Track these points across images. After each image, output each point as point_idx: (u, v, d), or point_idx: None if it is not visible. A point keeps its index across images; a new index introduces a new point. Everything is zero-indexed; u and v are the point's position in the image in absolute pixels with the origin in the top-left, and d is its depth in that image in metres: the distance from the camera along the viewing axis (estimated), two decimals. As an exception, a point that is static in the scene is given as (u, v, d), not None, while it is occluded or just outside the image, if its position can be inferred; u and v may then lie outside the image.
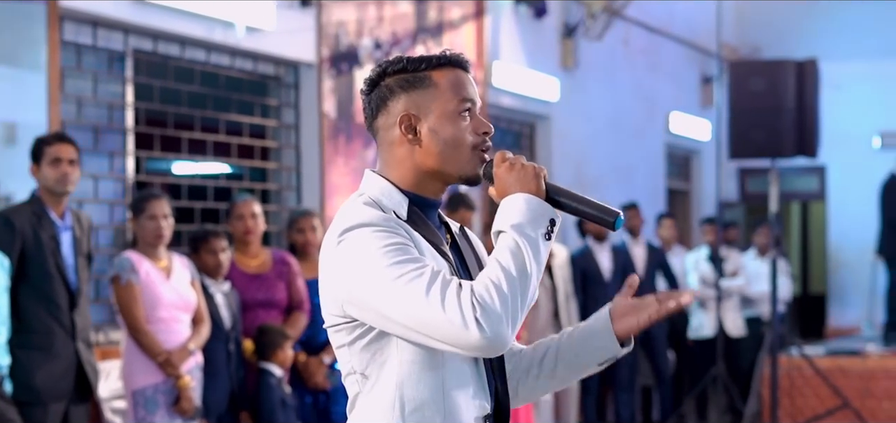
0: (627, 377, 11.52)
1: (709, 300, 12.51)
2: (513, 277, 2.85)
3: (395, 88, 3.08)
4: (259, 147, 9.78)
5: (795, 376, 11.48)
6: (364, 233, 2.92)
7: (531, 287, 2.89)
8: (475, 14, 11.89)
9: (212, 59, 9.20)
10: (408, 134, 3.06)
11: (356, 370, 3.02)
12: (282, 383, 7.55)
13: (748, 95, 10.63)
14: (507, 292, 2.83)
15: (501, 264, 2.87)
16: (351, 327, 2.99)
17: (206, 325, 7.24)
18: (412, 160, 3.08)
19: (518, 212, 2.94)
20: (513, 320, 2.84)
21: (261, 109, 9.77)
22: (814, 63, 10.75)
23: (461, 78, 3.10)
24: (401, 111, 3.07)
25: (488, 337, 2.81)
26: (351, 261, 2.92)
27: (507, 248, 2.89)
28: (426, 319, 2.83)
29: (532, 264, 2.89)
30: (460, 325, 2.80)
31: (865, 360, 11.69)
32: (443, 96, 3.06)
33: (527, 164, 3.03)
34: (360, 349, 3.00)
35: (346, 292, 2.94)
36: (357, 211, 3.00)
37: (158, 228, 7.13)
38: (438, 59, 3.09)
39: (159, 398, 7.00)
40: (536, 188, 2.99)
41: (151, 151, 8.87)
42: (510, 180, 3.01)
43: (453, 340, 2.83)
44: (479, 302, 2.81)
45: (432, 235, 3.07)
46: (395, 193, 3.07)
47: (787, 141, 10.54)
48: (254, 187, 9.69)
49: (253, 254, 7.87)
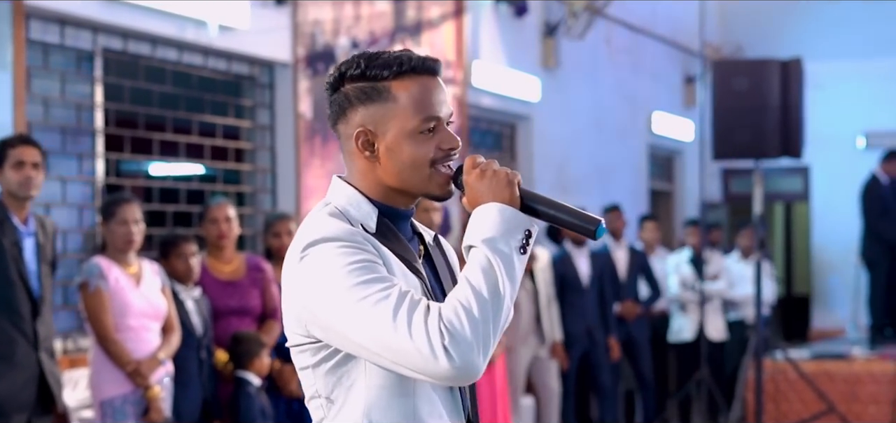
0: (610, 381, 11.35)
1: (690, 304, 12.34)
2: (484, 298, 2.63)
3: (353, 98, 2.83)
4: (233, 149, 9.58)
5: (780, 380, 11.32)
6: (328, 249, 2.70)
7: (505, 308, 2.67)
8: (454, 13, 11.71)
9: (184, 58, 9.00)
10: (364, 150, 2.83)
11: (321, 393, 2.80)
12: (260, 392, 7.37)
13: (732, 94, 10.49)
14: (478, 315, 2.61)
15: (472, 284, 2.64)
16: (315, 348, 2.78)
17: (176, 334, 7.04)
18: (373, 175, 2.85)
19: (490, 224, 2.72)
20: (484, 346, 2.62)
21: (235, 109, 9.58)
22: (798, 62, 10.62)
23: (427, 88, 2.83)
24: (358, 125, 2.82)
25: (457, 366, 2.58)
26: (314, 279, 2.70)
27: (479, 265, 2.67)
28: (392, 345, 2.61)
29: (505, 283, 2.66)
30: (428, 354, 2.58)
31: (851, 363, 11.53)
32: (403, 113, 2.80)
33: (499, 170, 2.80)
34: (325, 372, 2.78)
35: (309, 313, 2.73)
36: (322, 223, 2.77)
37: (129, 233, 6.92)
38: (401, 66, 2.81)
39: (128, 408, 6.79)
40: (510, 197, 2.77)
41: (122, 152, 8.67)
42: (481, 189, 2.78)
43: (421, 368, 2.61)
44: (447, 328, 2.59)
45: (403, 249, 2.84)
46: (364, 204, 2.84)
47: (772, 141, 10.41)
48: (228, 190, 9.49)
49: (226, 259, 7.68)
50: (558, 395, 10.72)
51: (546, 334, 10.49)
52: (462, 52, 11.74)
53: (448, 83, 11.44)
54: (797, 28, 17.49)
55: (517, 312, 10.12)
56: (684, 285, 12.35)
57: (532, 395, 10.74)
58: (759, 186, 10.75)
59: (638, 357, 11.97)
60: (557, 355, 10.61)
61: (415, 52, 2.85)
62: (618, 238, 12.03)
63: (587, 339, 10.97)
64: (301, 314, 2.76)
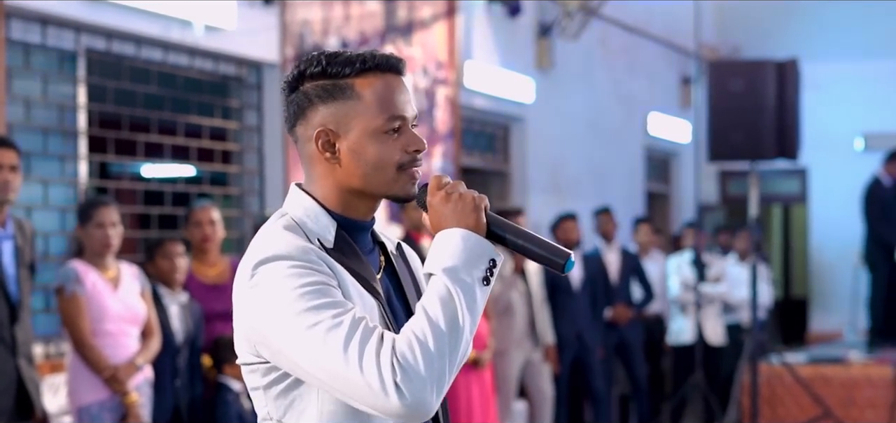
0: (603, 386, 11.23)
1: (689, 306, 12.22)
2: (441, 332, 2.48)
3: (313, 96, 2.69)
4: (220, 150, 9.45)
5: (776, 384, 11.20)
6: (280, 268, 2.55)
7: (463, 342, 2.52)
8: (447, 13, 11.59)
9: (169, 58, 8.88)
10: (325, 152, 2.68)
11: (272, 416, 2.66)
12: (241, 397, 7.24)
13: (728, 95, 10.40)
14: (434, 349, 2.47)
15: (429, 315, 2.50)
16: (265, 369, 2.63)
17: (155, 339, 6.91)
18: (333, 178, 2.70)
19: (452, 251, 2.57)
20: (438, 383, 2.48)
21: (222, 110, 9.46)
22: (794, 63, 10.53)
23: (391, 87, 2.69)
24: (318, 124, 2.68)
25: (408, 404, 2.44)
26: (264, 301, 2.56)
27: (437, 296, 2.52)
28: (342, 377, 2.47)
29: (465, 315, 2.52)
30: (378, 389, 2.44)
31: (848, 368, 11.41)
32: (367, 111, 2.66)
33: (465, 193, 2.64)
34: (276, 395, 2.64)
35: (258, 335, 2.59)
36: (275, 239, 2.63)
37: (106, 236, 6.79)
38: (364, 63, 2.67)
39: (105, 415, 6.66)
40: (475, 223, 2.61)
41: (105, 154, 8.55)
42: (446, 212, 2.63)
43: (371, 403, 2.47)
44: (400, 363, 2.45)
45: (361, 266, 2.69)
46: (322, 216, 2.70)
47: (768, 143, 10.33)
48: (214, 192, 9.37)
49: (211, 263, 7.57)
50: (552, 399, 10.60)
51: (540, 336, 10.38)
52: (454, 53, 11.62)
53: (440, 84, 11.35)
54: (795, 29, 17.38)
55: (511, 314, 10.03)
56: (685, 286, 12.24)
57: (525, 399, 10.62)
58: (755, 187, 10.65)
59: (631, 361, 11.85)
60: (551, 358, 10.49)
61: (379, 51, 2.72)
62: (609, 241, 11.92)
63: (577, 343, 10.84)
64: (250, 335, 2.62)
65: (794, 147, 10.47)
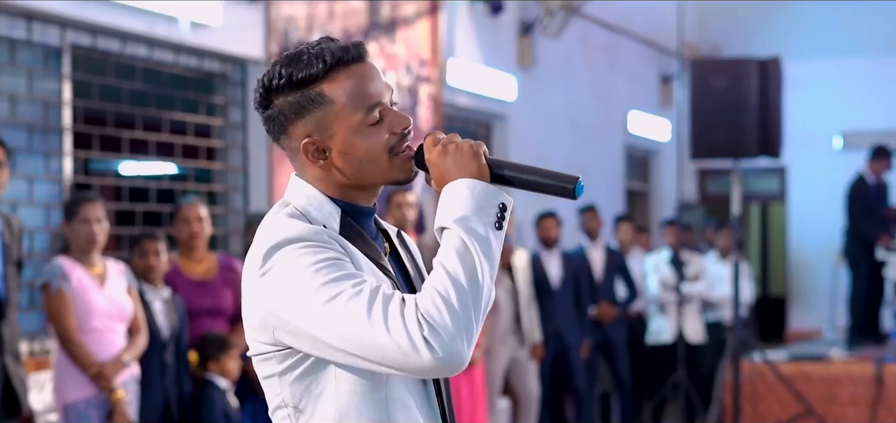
0: (585, 384, 11.23)
1: (669, 305, 12.22)
2: (462, 285, 2.48)
3: (288, 112, 2.66)
4: (204, 147, 9.43)
5: (758, 381, 11.23)
6: (292, 250, 2.54)
7: (485, 291, 2.51)
8: (430, 10, 11.59)
9: (154, 55, 8.85)
10: (317, 160, 2.66)
11: (288, 403, 2.64)
12: (227, 394, 7.22)
13: (710, 93, 10.42)
14: (457, 303, 2.46)
15: (448, 270, 2.49)
16: (282, 355, 2.61)
17: (142, 335, 6.88)
18: (331, 178, 2.69)
19: (461, 202, 2.56)
20: (468, 334, 2.47)
21: (206, 107, 9.43)
22: (777, 62, 10.56)
23: (360, 79, 2.65)
24: (302, 137, 2.65)
25: (441, 358, 2.44)
26: (280, 284, 2.54)
27: (453, 249, 2.51)
28: (369, 343, 2.46)
29: (483, 264, 2.51)
30: (408, 348, 2.43)
31: (829, 365, 11.44)
32: (343, 112, 2.63)
33: (461, 142, 2.63)
34: (293, 381, 2.62)
35: (277, 319, 2.56)
36: (282, 225, 2.61)
37: (91, 232, 6.75)
38: (325, 64, 2.62)
39: (92, 412, 6.62)
40: (477, 170, 2.60)
41: (90, 151, 8.52)
42: (446, 166, 2.62)
43: (401, 364, 2.46)
44: (425, 319, 2.44)
45: (369, 247, 2.68)
46: (325, 203, 2.68)
47: (750, 141, 10.34)
48: (199, 189, 9.35)
49: (198, 259, 7.55)
50: (537, 398, 10.60)
51: (526, 334, 10.37)
52: (437, 51, 11.61)
53: (423, 82, 11.35)
54: (774, 27, 17.42)
55: (496, 311, 10.01)
56: (665, 285, 12.24)
57: (508, 397, 10.62)
58: (737, 185, 10.68)
59: (615, 359, 11.84)
60: (537, 356, 10.50)
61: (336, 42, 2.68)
62: (594, 238, 11.92)
63: (557, 341, 10.84)
64: (267, 321, 2.60)
65: (777, 145, 10.50)
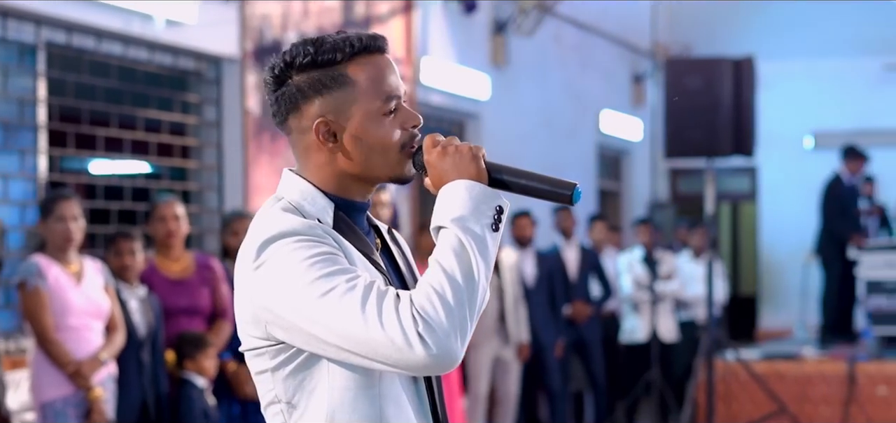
0: (559, 383, 11.24)
1: (643, 304, 12.24)
2: (458, 282, 2.48)
3: (307, 89, 2.65)
4: (179, 145, 9.39)
5: (731, 380, 11.26)
6: (285, 244, 2.54)
7: (480, 291, 2.52)
8: (404, 9, 11.58)
9: (129, 52, 8.81)
10: (327, 141, 2.66)
11: (281, 398, 2.63)
12: (205, 393, 7.19)
13: (685, 93, 10.44)
14: (452, 300, 2.46)
15: (444, 267, 2.49)
16: (275, 350, 2.60)
17: (120, 333, 6.84)
18: (334, 166, 2.68)
19: (459, 203, 2.56)
20: (462, 331, 2.47)
21: (181, 105, 9.39)
22: (750, 61, 10.60)
23: (381, 67, 2.67)
24: (316, 116, 2.65)
25: (435, 354, 2.44)
26: (273, 278, 2.54)
27: (450, 247, 2.52)
28: (363, 339, 2.46)
29: (479, 264, 2.52)
30: (402, 343, 2.43)
31: (802, 364, 11.49)
32: (364, 96, 2.64)
33: (461, 145, 2.64)
34: (285, 376, 2.61)
35: (270, 314, 2.56)
36: (276, 219, 2.61)
37: (68, 230, 6.71)
38: (352, 48, 2.64)
39: (69, 411, 6.59)
40: (476, 172, 2.61)
41: (65, 148, 8.48)
42: (445, 167, 2.62)
43: (395, 360, 2.46)
44: (420, 315, 2.44)
45: (362, 243, 2.68)
46: (318, 198, 2.68)
47: (724, 140, 10.38)
48: (174, 187, 9.31)
49: (175, 257, 7.51)
50: (516, 399, 10.59)
51: (512, 334, 10.33)
52: (411, 49, 11.60)
53: (398, 80, 11.33)
54: (745, 28, 17.45)
55: (482, 308, 9.96)
56: (638, 284, 12.25)
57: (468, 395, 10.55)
58: (711, 185, 10.70)
59: (589, 358, 11.84)
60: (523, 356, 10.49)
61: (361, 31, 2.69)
62: (568, 237, 11.92)
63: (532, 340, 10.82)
64: (260, 316, 2.59)
65: (750, 144, 10.53)
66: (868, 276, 13.01)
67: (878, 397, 11.02)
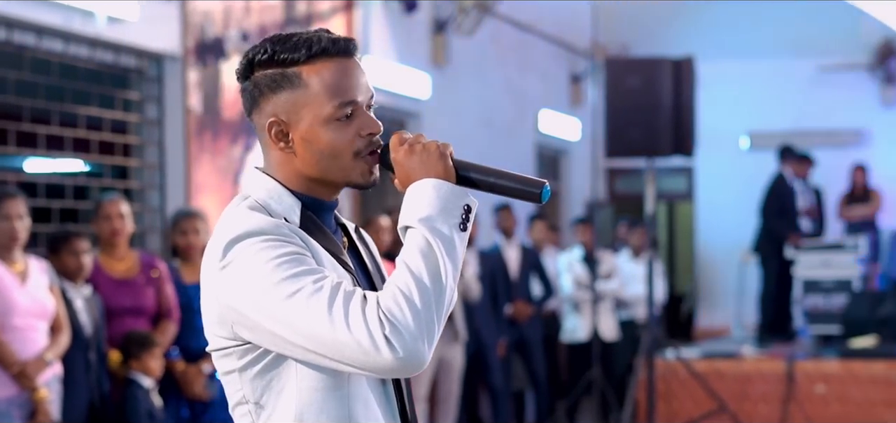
0: (502, 382, 11.25)
1: (583, 303, 12.28)
2: (425, 284, 2.47)
3: (264, 86, 2.65)
4: (120, 143, 9.29)
5: (671, 379, 11.31)
6: (252, 244, 2.52)
7: (447, 292, 2.51)
8: (345, 7, 11.54)
9: (70, 49, 8.70)
10: (278, 142, 2.65)
11: (248, 399, 2.62)
12: (151, 393, 7.14)
13: (625, 92, 10.49)
14: (419, 302, 2.45)
15: (411, 268, 2.48)
16: (242, 350, 2.59)
17: (65, 333, 6.78)
18: (291, 166, 2.67)
19: (426, 202, 2.55)
20: (429, 333, 2.47)
21: (122, 103, 9.29)
22: (690, 62, 10.66)
23: (341, 71, 2.65)
24: (270, 114, 2.65)
25: (401, 357, 2.43)
26: (239, 277, 2.52)
27: (417, 248, 2.51)
28: (329, 341, 2.44)
29: (447, 264, 2.51)
30: (369, 346, 2.42)
31: (741, 362, 11.56)
32: (316, 100, 2.62)
33: (428, 142, 2.64)
34: (253, 377, 2.60)
35: (236, 313, 2.54)
36: (242, 218, 2.59)
37: (13, 229, 6.65)
38: (311, 50, 2.63)
39: (14, 411, 6.52)
40: (444, 170, 2.60)
41: (5, 146, 8.36)
42: (412, 165, 2.62)
43: (361, 363, 2.45)
44: (387, 317, 2.43)
45: (329, 242, 2.67)
46: (285, 196, 2.67)
47: (665, 140, 10.43)
48: (115, 186, 9.22)
49: (119, 257, 7.47)
50: (457, 399, 10.57)
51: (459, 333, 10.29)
52: (353, 48, 11.54)
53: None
54: (682, 28, 17.54)
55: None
56: (578, 284, 12.29)
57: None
58: (651, 184, 10.75)
59: (531, 358, 11.87)
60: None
61: (328, 32, 2.67)
62: (509, 237, 11.94)
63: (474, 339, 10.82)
64: (226, 316, 2.57)
65: (690, 144, 10.59)
66: (805, 275, 13.16)
67: (817, 395, 11.11)
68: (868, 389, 10.96)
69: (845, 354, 11.39)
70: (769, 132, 17.07)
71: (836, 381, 11.07)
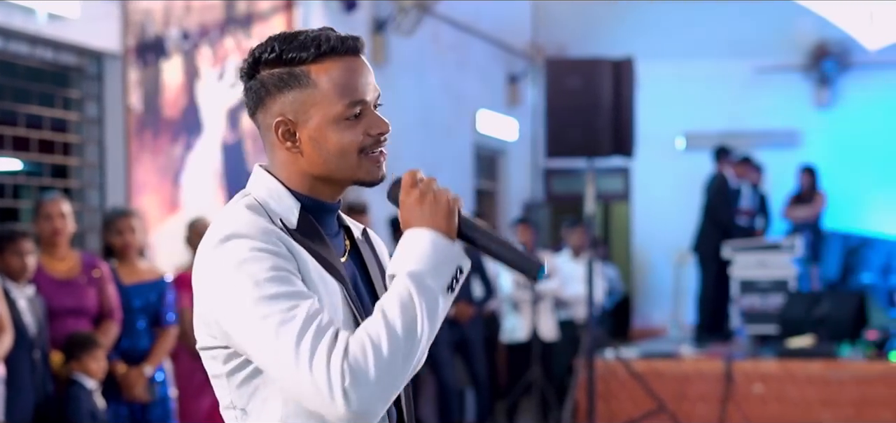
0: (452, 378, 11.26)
1: (523, 303, 12.30)
2: (397, 337, 2.43)
3: (270, 85, 2.63)
4: (60, 142, 9.20)
5: (610, 379, 11.34)
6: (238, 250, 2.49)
7: (418, 351, 2.46)
8: (285, 6, 11.50)
9: (10, 47, 8.61)
10: (285, 141, 2.63)
11: (236, 405, 2.60)
12: (94, 394, 7.07)
13: (565, 93, 10.49)
14: (387, 355, 2.41)
15: (387, 318, 2.44)
16: (226, 354, 2.57)
17: (8, 334, 6.70)
18: (297, 166, 2.65)
19: (420, 255, 2.51)
20: (388, 390, 2.43)
21: (62, 101, 9.21)
22: (630, 62, 10.69)
23: (349, 70, 2.63)
24: (277, 114, 2.62)
25: (353, 411, 2.39)
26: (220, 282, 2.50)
27: (398, 299, 2.46)
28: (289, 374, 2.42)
29: (424, 324, 2.46)
30: (325, 393, 2.38)
31: (680, 362, 11.62)
32: (325, 99, 2.60)
33: (440, 192, 2.59)
34: (239, 384, 2.59)
35: (212, 315, 2.54)
36: (238, 217, 2.57)
37: (-45, 229, 6.56)
38: (319, 49, 2.61)
39: (-44, 414, 6.45)
40: (447, 227, 2.56)
41: (-53, 145, 8.27)
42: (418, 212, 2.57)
43: (316, 405, 2.42)
44: (351, 367, 2.39)
45: (325, 249, 2.63)
46: (285, 197, 2.64)
47: (604, 140, 10.45)
48: (55, 185, 9.13)
49: (61, 257, 7.40)
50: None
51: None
52: (293, 47, 11.50)
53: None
54: (618, 29, 17.60)
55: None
56: (518, 284, 12.30)
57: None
58: (590, 185, 10.76)
59: (472, 357, 11.87)
60: None
61: (335, 32, 2.66)
62: (451, 237, 11.91)
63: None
64: (207, 317, 2.56)
65: (630, 145, 10.62)
66: (741, 275, 13.24)
67: (754, 394, 11.18)
68: (805, 388, 11.05)
69: (783, 353, 11.46)
70: (705, 133, 17.18)
71: (773, 381, 11.15)
